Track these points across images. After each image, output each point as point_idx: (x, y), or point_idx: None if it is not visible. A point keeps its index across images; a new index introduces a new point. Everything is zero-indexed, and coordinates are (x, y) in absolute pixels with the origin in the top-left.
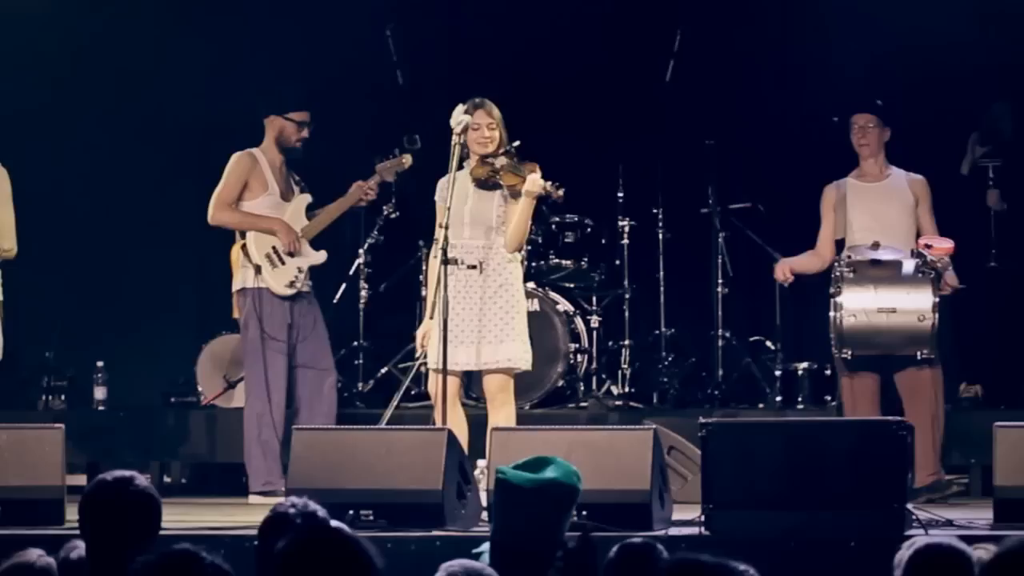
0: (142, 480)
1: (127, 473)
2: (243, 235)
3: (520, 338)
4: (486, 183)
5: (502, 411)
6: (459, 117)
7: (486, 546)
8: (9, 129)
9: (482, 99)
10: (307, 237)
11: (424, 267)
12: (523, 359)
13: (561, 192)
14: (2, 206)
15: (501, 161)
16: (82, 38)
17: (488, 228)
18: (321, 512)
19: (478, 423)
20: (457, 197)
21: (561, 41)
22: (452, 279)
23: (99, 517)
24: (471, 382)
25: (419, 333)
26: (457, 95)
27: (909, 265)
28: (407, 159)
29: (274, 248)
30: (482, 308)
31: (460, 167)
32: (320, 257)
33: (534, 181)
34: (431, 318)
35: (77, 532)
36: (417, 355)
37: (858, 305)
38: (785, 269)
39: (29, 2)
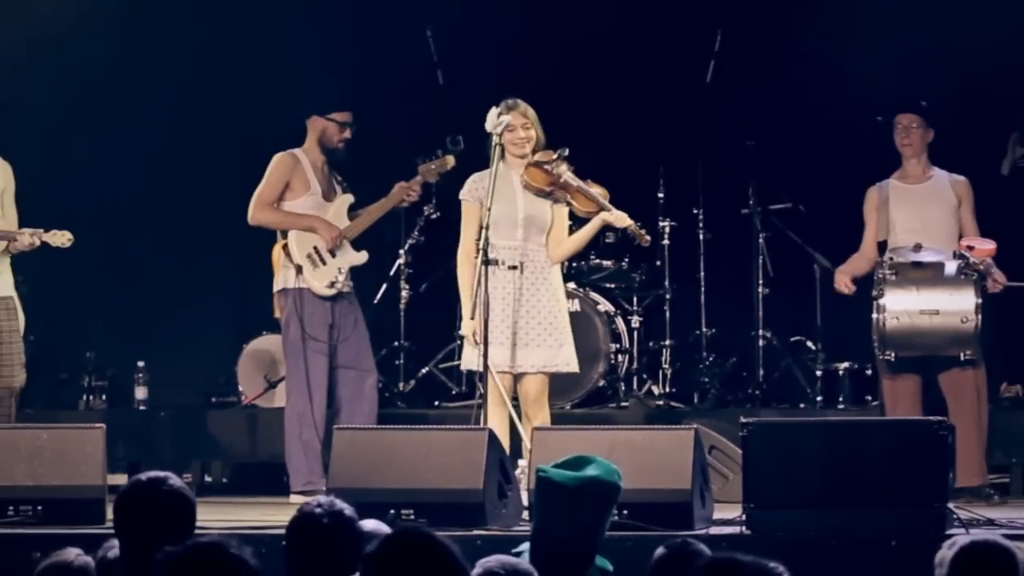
0: (176, 480)
1: (161, 473)
2: (284, 235)
3: (569, 340)
4: (547, 193)
5: (541, 413)
6: (495, 119)
7: (526, 545)
8: (48, 127)
9: (515, 100)
10: (349, 237)
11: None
12: (575, 361)
13: (648, 238)
14: (11, 199)
15: (565, 177)
16: (125, 39)
17: (540, 231)
18: (348, 510)
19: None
20: (504, 199)
21: (602, 41)
22: (496, 280)
23: (133, 517)
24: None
25: (468, 331)
26: (496, 95)
27: (951, 266)
28: (450, 160)
29: (315, 248)
30: (527, 310)
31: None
32: (361, 257)
33: (622, 218)
34: (472, 318)
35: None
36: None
37: (901, 307)
38: (846, 279)
39: (68, 2)
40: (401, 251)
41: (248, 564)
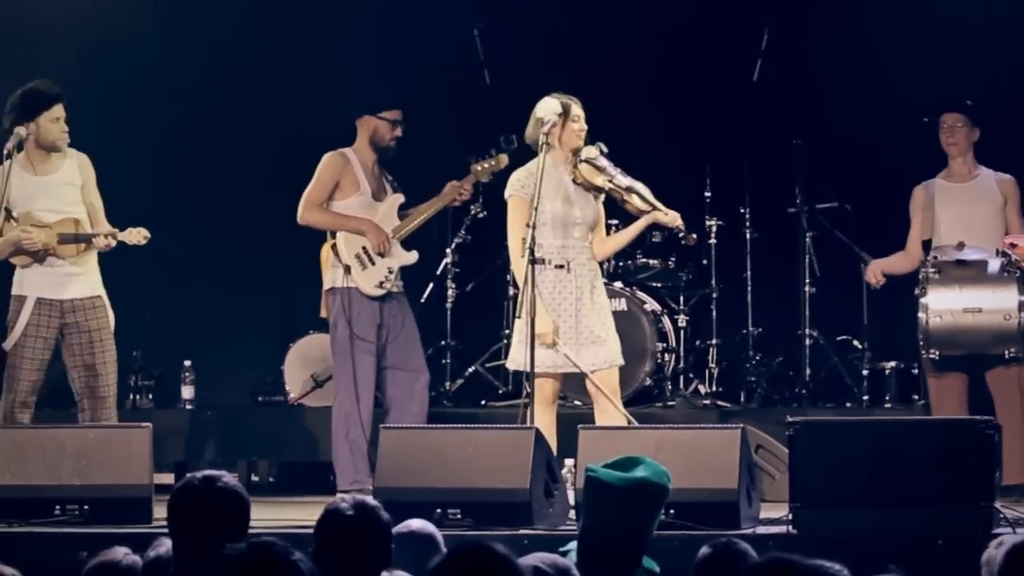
0: (230, 478)
1: (215, 472)
2: (333, 235)
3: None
4: (599, 189)
5: (618, 408)
6: (555, 107)
7: (572, 545)
8: (94, 126)
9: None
10: (398, 237)
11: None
12: (620, 356)
13: (694, 237)
14: (95, 190)
15: (618, 179)
16: (173, 37)
17: (589, 228)
18: (376, 506)
19: (565, 422)
20: (556, 196)
21: (648, 40)
22: (549, 279)
23: (187, 515)
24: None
25: (544, 330)
26: (544, 94)
27: (994, 264)
28: (504, 159)
29: (364, 248)
30: (587, 307)
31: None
32: (411, 257)
33: (676, 218)
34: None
35: (164, 531)
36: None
37: (943, 306)
38: (876, 272)
39: (120, 8)
40: (448, 250)
41: (302, 569)
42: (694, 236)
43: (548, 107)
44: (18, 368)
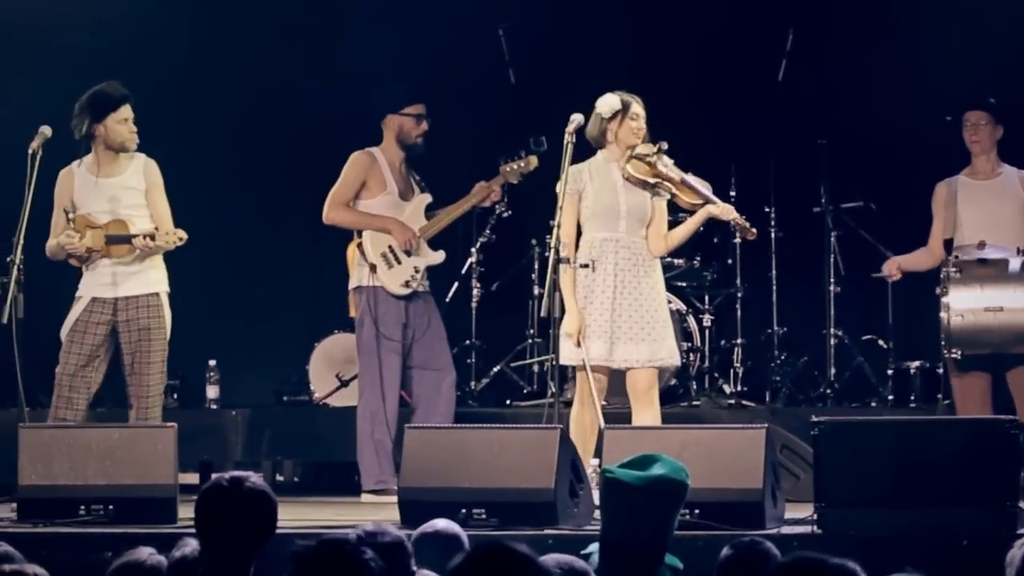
0: (257, 479)
1: (241, 473)
2: (359, 234)
3: (671, 334)
4: (650, 185)
5: (651, 408)
6: (614, 103)
7: (595, 546)
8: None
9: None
10: (425, 237)
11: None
12: (678, 355)
13: (754, 231)
14: (160, 195)
15: (669, 172)
16: (197, 34)
17: (641, 224)
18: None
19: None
20: (605, 191)
21: (673, 40)
22: (580, 277)
23: (214, 517)
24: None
25: (572, 330)
26: (569, 94)
27: (1015, 263)
28: (533, 161)
29: (390, 247)
30: (628, 304)
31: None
32: (438, 257)
33: (729, 210)
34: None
35: (189, 531)
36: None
37: (965, 305)
38: (893, 266)
39: (145, 10)
40: (473, 249)
41: (373, 568)
42: (754, 231)
43: (608, 103)
44: (64, 363)
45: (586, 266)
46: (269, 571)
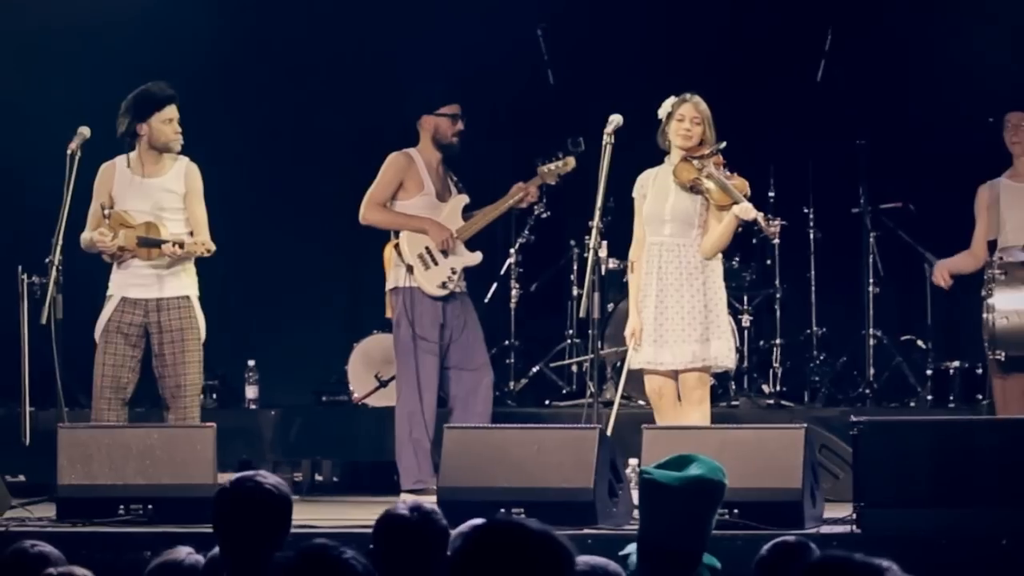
0: (272, 478)
1: (257, 472)
2: (396, 234)
3: (723, 335)
4: (691, 187)
5: (699, 409)
6: (665, 106)
7: (632, 547)
8: None
9: (693, 94)
10: (462, 238)
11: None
12: (729, 357)
13: (775, 228)
14: (198, 200)
15: (709, 170)
16: (232, 37)
17: (688, 226)
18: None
19: (628, 422)
20: (657, 194)
21: (712, 41)
22: (645, 282)
23: (230, 517)
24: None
25: (627, 333)
26: (607, 94)
27: None
28: (571, 162)
29: (427, 248)
30: (673, 306)
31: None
32: (475, 258)
33: (747, 210)
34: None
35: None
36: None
37: (1010, 307)
38: (944, 273)
39: (184, 11)
40: (512, 250)
41: (360, 564)
42: (774, 228)
43: (663, 106)
44: (100, 364)
45: (625, 267)
46: None
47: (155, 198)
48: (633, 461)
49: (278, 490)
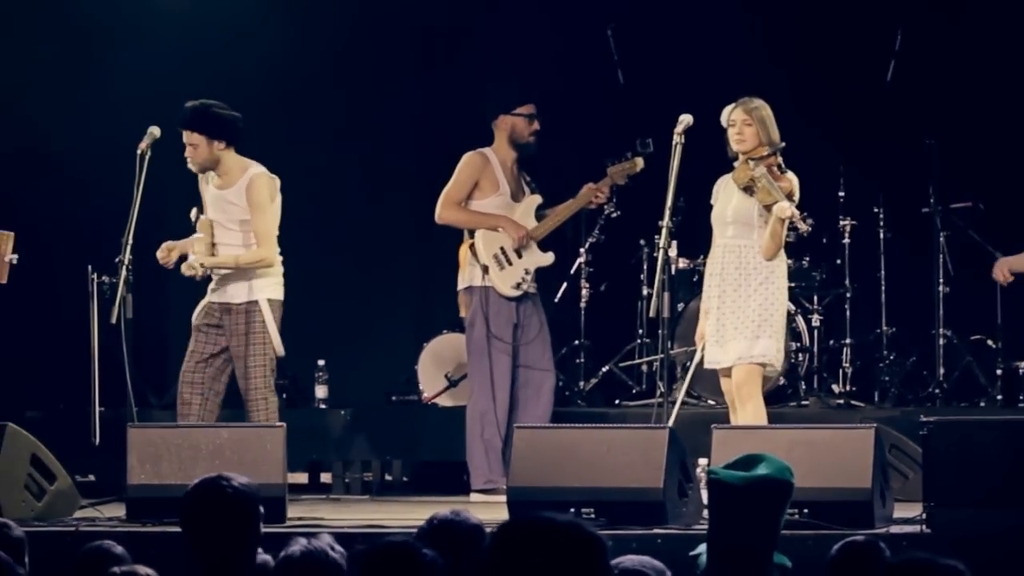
0: (239, 479)
1: (229, 474)
2: (471, 234)
3: (773, 334)
4: (746, 189)
5: (748, 405)
6: (723, 116)
7: (703, 547)
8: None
9: (748, 98)
10: (536, 238)
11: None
12: (776, 356)
13: (808, 226)
14: (256, 213)
15: (760, 171)
16: (308, 38)
17: (750, 227)
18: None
19: (697, 421)
20: (721, 197)
21: (782, 41)
22: (708, 283)
23: (198, 519)
24: (694, 379)
25: (697, 335)
26: (677, 94)
27: None
28: (639, 163)
29: (502, 249)
30: (731, 304)
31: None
32: (548, 259)
33: (783, 208)
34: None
35: (298, 530)
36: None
37: None
38: (1004, 269)
39: (250, 11)
40: (582, 250)
41: (436, 564)
42: (805, 226)
43: (724, 112)
44: (184, 363)
45: (694, 267)
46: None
47: (224, 209)
48: (703, 461)
49: (250, 493)
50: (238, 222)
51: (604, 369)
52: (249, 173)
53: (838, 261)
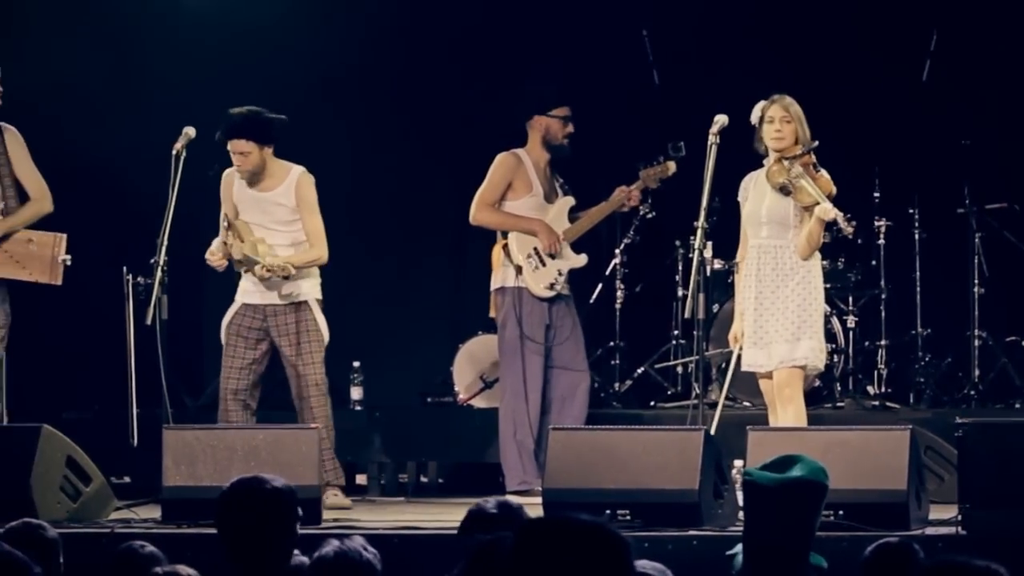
0: (276, 480)
1: (260, 475)
2: (505, 235)
3: (814, 335)
4: (782, 188)
5: (789, 408)
6: (756, 112)
7: (739, 547)
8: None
9: (782, 95)
10: (568, 240)
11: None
12: (818, 357)
13: (852, 228)
14: (307, 213)
15: (797, 171)
16: (344, 40)
17: (785, 227)
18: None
19: (734, 423)
20: (755, 197)
21: (816, 41)
22: (744, 284)
23: (234, 519)
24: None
25: (730, 336)
26: (713, 95)
27: None
28: (671, 166)
29: (535, 249)
30: (769, 306)
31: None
32: (581, 260)
33: (826, 211)
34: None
35: (333, 532)
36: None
37: None
38: None
39: (289, 12)
40: (617, 251)
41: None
42: (850, 229)
43: (753, 112)
44: (223, 366)
45: (730, 268)
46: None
47: (267, 211)
48: (739, 463)
49: (283, 490)
50: (284, 223)
51: (639, 370)
52: (294, 173)
53: (873, 262)
